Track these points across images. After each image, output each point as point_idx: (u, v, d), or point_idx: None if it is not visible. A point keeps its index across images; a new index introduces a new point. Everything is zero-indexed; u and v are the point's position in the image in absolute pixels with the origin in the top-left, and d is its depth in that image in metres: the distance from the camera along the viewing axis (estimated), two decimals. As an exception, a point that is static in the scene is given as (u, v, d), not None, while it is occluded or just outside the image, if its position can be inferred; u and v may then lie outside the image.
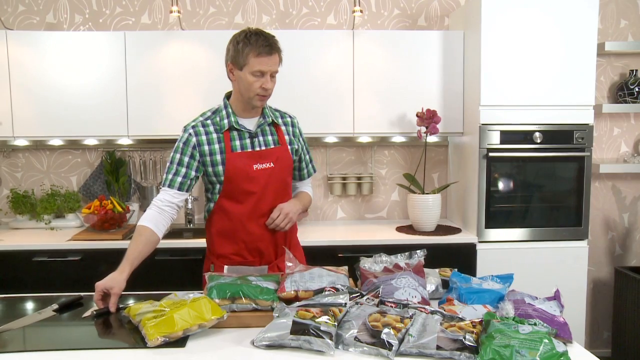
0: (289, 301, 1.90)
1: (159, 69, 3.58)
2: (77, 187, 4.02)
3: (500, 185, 3.53)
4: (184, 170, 2.34)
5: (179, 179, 2.34)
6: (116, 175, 3.88)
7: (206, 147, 2.32)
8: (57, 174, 4.01)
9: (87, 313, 2.01)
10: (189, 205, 3.90)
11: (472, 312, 1.83)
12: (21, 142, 3.88)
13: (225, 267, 2.38)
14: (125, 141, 3.91)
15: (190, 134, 2.33)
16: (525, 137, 3.47)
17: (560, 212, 3.58)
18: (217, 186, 2.37)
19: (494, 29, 3.40)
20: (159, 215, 2.33)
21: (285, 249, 2.21)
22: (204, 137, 2.32)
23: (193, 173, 2.35)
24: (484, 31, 3.40)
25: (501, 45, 3.41)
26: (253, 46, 2.22)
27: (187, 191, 2.39)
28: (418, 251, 2.21)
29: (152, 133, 3.64)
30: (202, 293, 1.97)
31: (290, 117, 2.50)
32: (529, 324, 1.66)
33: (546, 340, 1.56)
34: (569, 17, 3.42)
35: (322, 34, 3.72)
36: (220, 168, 2.32)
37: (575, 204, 3.56)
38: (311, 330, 1.65)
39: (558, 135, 3.49)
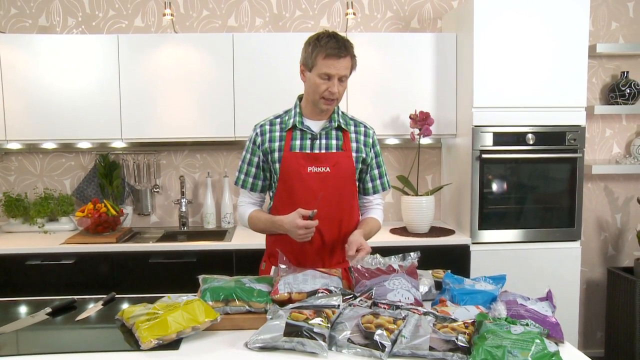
0: (282, 303, 1.91)
1: (153, 72, 3.58)
2: (70, 191, 4.01)
3: (494, 186, 3.55)
4: (253, 170, 2.38)
5: (250, 180, 2.39)
6: (110, 178, 3.88)
7: (267, 145, 2.32)
8: (50, 177, 4.00)
9: None
10: (183, 208, 3.90)
11: (465, 313, 1.84)
12: (14, 146, 3.87)
13: (273, 267, 2.34)
14: (118, 144, 3.91)
15: (256, 133, 2.36)
16: (518, 138, 3.49)
17: (553, 213, 3.60)
18: (275, 185, 2.36)
19: (487, 31, 3.42)
20: (252, 206, 2.43)
21: (279, 251, 2.21)
22: (267, 135, 2.33)
23: (261, 173, 2.38)
24: (477, 33, 3.41)
25: (493, 47, 3.43)
26: (322, 48, 2.19)
27: (261, 192, 2.43)
28: (412, 253, 2.20)
29: (145, 136, 3.64)
30: (195, 295, 1.97)
31: (365, 126, 2.43)
32: (521, 325, 1.67)
33: (538, 341, 1.57)
34: (560, 19, 3.44)
35: (316, 36, 3.72)
36: (277, 166, 2.31)
37: (568, 205, 3.58)
38: (304, 332, 1.66)
39: (550, 137, 3.51)
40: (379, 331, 1.66)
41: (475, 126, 3.47)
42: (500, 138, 3.48)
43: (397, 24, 4.07)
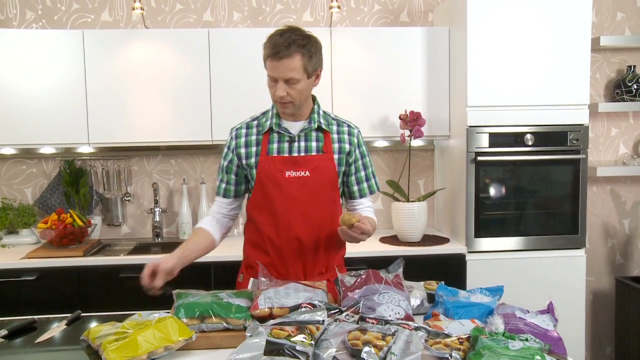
0: (262, 319, 1.91)
1: (122, 71, 3.57)
2: (32, 200, 3.98)
3: (491, 191, 3.57)
4: (226, 176, 2.41)
5: (223, 186, 2.43)
6: (76, 186, 3.86)
7: (243, 150, 2.34)
8: (9, 185, 3.97)
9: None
10: (156, 218, 3.89)
11: (459, 328, 1.84)
12: (-30, 152, 3.85)
13: (251, 279, 2.31)
14: (85, 149, 3.89)
15: (231, 137, 2.39)
16: (516, 139, 3.52)
17: (555, 219, 3.62)
18: (251, 190, 2.38)
19: (481, 24, 3.44)
20: (212, 219, 2.45)
21: (259, 263, 2.21)
22: (243, 140, 2.35)
23: (233, 177, 2.40)
24: (470, 27, 3.44)
25: (489, 41, 3.45)
26: (265, 48, 2.19)
27: (235, 197, 2.45)
28: (389, 268, 2.20)
29: (115, 140, 3.63)
30: (168, 312, 1.97)
31: (349, 126, 2.44)
32: (520, 340, 1.67)
33: (538, 357, 1.57)
34: (561, 10, 3.47)
35: (298, 31, 3.74)
36: (254, 171, 2.32)
37: (571, 210, 3.61)
38: (286, 351, 1.65)
39: (551, 137, 3.53)
40: (366, 348, 1.66)
41: (470, 126, 3.49)
42: (497, 139, 3.51)
43: (385, 17, 4.09)
